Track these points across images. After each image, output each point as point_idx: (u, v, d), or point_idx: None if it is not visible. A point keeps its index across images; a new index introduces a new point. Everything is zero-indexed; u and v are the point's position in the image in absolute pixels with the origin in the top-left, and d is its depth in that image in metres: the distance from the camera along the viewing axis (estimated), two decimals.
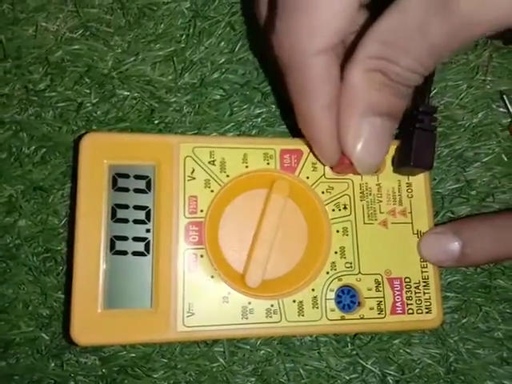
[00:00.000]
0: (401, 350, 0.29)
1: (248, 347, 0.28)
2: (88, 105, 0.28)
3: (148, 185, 0.25)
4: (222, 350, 0.28)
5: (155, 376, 0.27)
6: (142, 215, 0.25)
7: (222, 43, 0.30)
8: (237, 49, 0.30)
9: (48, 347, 0.27)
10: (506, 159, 0.31)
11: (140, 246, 0.25)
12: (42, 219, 0.27)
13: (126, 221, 0.25)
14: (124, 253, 0.24)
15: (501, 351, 0.29)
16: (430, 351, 0.29)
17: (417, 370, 0.29)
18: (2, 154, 0.28)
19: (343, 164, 0.25)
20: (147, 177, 0.25)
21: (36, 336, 0.27)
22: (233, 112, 0.29)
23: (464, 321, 0.29)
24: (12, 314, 0.27)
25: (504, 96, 0.31)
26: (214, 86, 0.30)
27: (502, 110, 0.31)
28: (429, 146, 0.27)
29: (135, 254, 0.24)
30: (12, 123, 0.28)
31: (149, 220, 0.25)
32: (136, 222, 0.25)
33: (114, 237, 0.24)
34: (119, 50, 0.29)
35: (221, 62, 0.30)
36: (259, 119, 0.30)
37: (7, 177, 0.27)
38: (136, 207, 0.25)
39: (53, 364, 0.27)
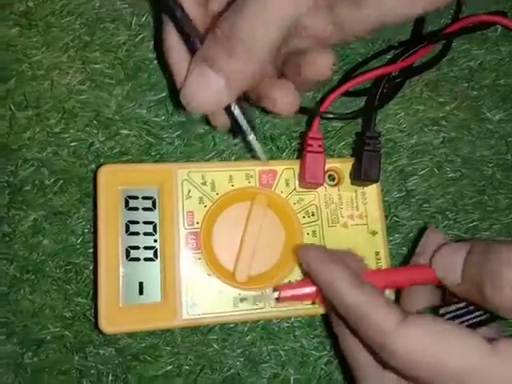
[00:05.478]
0: None
1: (236, 334, 0.33)
2: (96, 143, 0.34)
3: (154, 204, 0.31)
4: (215, 337, 0.33)
5: (162, 361, 0.32)
6: (150, 228, 0.31)
7: None
8: None
9: (72, 343, 0.32)
10: (437, 172, 0.37)
11: (150, 253, 0.30)
12: (62, 238, 0.33)
13: (137, 233, 0.30)
14: (137, 259, 0.30)
15: None
16: None
17: None
18: (27, 186, 0.33)
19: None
20: (152, 197, 0.31)
21: (62, 334, 0.32)
22: (215, 143, 0.35)
23: None
24: (41, 317, 0.32)
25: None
26: (198, 122, 0.35)
27: (433, 132, 0.39)
28: (375, 163, 0.33)
29: (146, 259, 0.30)
30: (34, 160, 0.33)
31: (155, 232, 0.31)
32: (145, 234, 0.30)
33: (129, 247, 0.30)
34: (120, 98, 0.35)
35: None
36: (237, 147, 0.35)
37: (32, 204, 0.33)
38: (145, 222, 0.31)
39: (77, 357, 0.32)
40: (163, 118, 0.35)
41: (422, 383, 0.24)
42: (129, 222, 0.30)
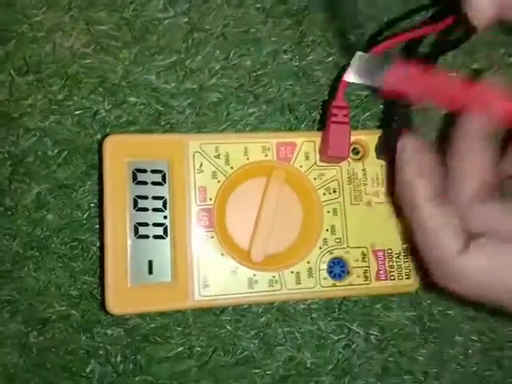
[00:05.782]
0: (381, 314, 0.33)
1: (251, 315, 0.32)
2: (102, 111, 0.32)
3: (163, 178, 0.29)
4: (228, 318, 0.31)
5: (173, 342, 0.31)
6: (159, 204, 0.29)
7: (217, 52, 0.33)
8: (230, 56, 0.33)
9: (79, 323, 0.30)
10: None
11: (159, 231, 0.28)
12: (68, 213, 0.31)
13: (146, 209, 0.28)
14: (146, 237, 0.28)
15: (467, 311, 0.34)
16: (406, 314, 0.33)
17: (395, 330, 0.33)
18: (29, 158, 0.31)
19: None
20: (162, 171, 0.29)
21: (68, 313, 0.30)
22: (229, 112, 0.33)
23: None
24: (46, 295, 0.30)
25: None
26: (211, 90, 0.33)
27: None
28: None
29: (156, 237, 0.28)
30: (36, 130, 0.31)
31: (165, 208, 0.29)
32: (155, 210, 0.29)
33: (137, 223, 0.28)
34: (127, 62, 0.32)
35: (216, 68, 0.33)
36: (252, 117, 0.33)
37: (35, 177, 0.31)
38: (154, 197, 0.29)
39: (84, 337, 0.30)
40: (173, 84, 0.33)
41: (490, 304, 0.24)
42: (137, 196, 0.28)
